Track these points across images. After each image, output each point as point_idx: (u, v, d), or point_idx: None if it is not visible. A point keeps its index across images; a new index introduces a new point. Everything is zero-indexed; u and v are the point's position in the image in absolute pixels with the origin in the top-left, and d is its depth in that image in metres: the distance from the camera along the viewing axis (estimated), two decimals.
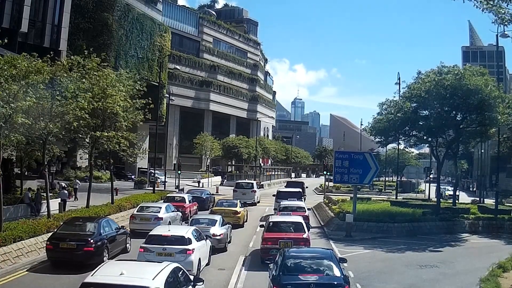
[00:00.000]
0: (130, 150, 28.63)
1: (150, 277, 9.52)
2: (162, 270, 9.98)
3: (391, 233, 26.13)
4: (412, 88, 29.06)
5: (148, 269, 10.16)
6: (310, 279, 11.60)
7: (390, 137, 31.47)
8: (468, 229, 28.48)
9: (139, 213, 25.06)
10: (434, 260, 19.78)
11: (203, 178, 69.94)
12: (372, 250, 21.73)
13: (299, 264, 12.43)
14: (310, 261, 12.64)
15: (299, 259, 12.79)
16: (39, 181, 41.57)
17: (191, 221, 22.30)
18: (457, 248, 23.57)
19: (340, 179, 29.14)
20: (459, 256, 21.13)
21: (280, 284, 11.62)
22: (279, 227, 19.40)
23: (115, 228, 19.30)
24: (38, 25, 40.71)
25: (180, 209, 28.73)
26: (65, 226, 18.50)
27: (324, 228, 28.06)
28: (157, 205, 26.81)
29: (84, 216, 22.08)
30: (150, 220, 24.02)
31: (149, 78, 66.51)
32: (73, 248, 16.69)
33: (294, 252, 13.45)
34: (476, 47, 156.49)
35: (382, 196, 55.56)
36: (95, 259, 16.31)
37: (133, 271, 9.87)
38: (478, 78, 27.43)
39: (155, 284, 9.29)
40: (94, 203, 30.02)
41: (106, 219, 20.11)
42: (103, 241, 17.56)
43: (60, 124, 22.04)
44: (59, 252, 16.74)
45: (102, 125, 26.49)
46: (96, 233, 17.53)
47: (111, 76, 26.17)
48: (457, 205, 33.66)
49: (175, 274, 10.36)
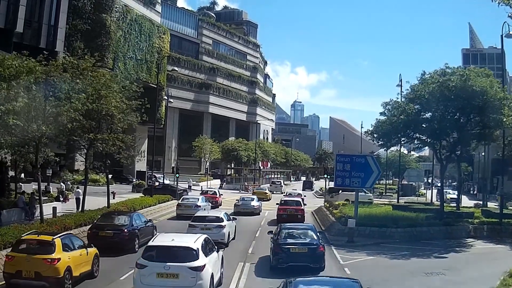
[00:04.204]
0: (125, 152, 27.91)
1: (191, 241, 13.78)
2: (198, 238, 14.18)
3: (394, 238, 25.39)
4: (415, 90, 28.35)
5: (189, 237, 14.70)
6: (297, 240, 18.20)
7: (393, 139, 30.73)
8: (473, 234, 27.72)
9: (183, 202, 34.31)
10: (440, 266, 19.06)
11: (202, 181, 69.25)
12: (375, 257, 21.01)
13: (291, 234, 18.79)
14: (298, 231, 19.20)
15: (291, 229, 19.37)
16: (36, 185, 40.84)
17: (241, 199, 39.48)
18: (463, 254, 22.85)
19: (342, 182, 28.35)
20: (466, 263, 20.43)
21: (278, 244, 17.96)
22: (286, 202, 33.77)
23: (144, 221, 22.82)
24: (34, 25, 39.98)
25: (212, 199, 40.20)
26: (102, 218, 22.02)
27: (325, 233, 27.30)
28: (195, 197, 36.99)
29: (118, 210, 27.10)
30: (192, 207, 32.48)
31: (148, 80, 65.92)
32: (110, 236, 19.92)
33: (287, 226, 19.82)
34: (476, 49, 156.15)
35: (383, 199, 54.90)
36: (128, 245, 20.12)
37: (179, 238, 14.35)
38: (483, 79, 26.77)
39: (195, 245, 13.46)
40: (90, 206, 29.42)
41: (137, 213, 24.29)
42: (135, 231, 20.86)
43: (54, 126, 21.41)
44: (98, 239, 19.25)
45: (98, 127, 25.83)
46: (129, 224, 20.78)
47: (106, 76, 25.49)
48: (460, 209, 32.94)
49: (205, 242, 14.35)
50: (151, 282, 12.54)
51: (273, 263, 17.91)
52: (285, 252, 17.62)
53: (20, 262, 13.67)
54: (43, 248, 14.07)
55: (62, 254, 14.13)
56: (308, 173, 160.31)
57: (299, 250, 17.70)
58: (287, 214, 31.30)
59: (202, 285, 12.71)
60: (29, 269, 13.54)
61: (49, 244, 14.17)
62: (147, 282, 12.59)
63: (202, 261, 13.00)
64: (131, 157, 28.91)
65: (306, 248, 17.77)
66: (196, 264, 12.77)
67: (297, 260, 17.25)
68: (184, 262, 12.76)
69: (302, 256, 17.47)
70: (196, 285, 12.59)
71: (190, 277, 12.59)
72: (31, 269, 13.54)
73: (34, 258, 13.72)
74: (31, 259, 13.68)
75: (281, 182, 78.06)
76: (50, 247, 14.07)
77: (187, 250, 13.22)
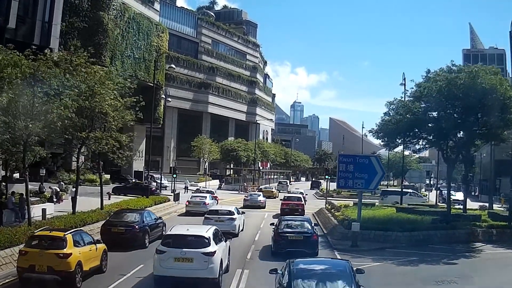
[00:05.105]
0: (120, 152, 26.77)
1: (204, 231, 15.67)
2: (209, 228, 16.08)
3: (400, 242, 24.25)
4: (422, 87, 27.18)
5: (202, 228, 16.78)
6: (295, 230, 20.91)
7: (398, 139, 29.59)
8: (481, 238, 26.59)
9: (192, 200, 37.49)
10: (451, 274, 17.94)
11: (201, 182, 68.16)
12: (382, 263, 19.86)
13: (289, 224, 21.44)
14: (295, 223, 21.84)
15: (289, 221, 22.10)
16: (30, 184, 39.57)
17: (249, 194, 46.86)
18: (473, 260, 21.71)
19: (345, 184, 27.06)
20: (477, 270, 19.32)
21: (278, 233, 20.67)
22: (289, 198, 40.09)
23: (154, 218, 23.95)
24: (27, 21, 38.87)
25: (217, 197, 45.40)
26: (115, 215, 23.15)
27: (328, 237, 26.23)
28: (203, 195, 39.87)
29: (130, 208, 27.66)
30: (200, 204, 36.22)
31: (146, 79, 64.81)
32: (122, 232, 21.03)
33: (286, 218, 22.91)
34: (477, 50, 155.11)
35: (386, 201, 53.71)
36: (139, 241, 21.23)
37: (193, 229, 16.36)
38: (492, 77, 25.73)
39: (207, 234, 15.25)
40: (83, 207, 28.39)
41: (147, 211, 25.41)
42: (145, 228, 21.97)
43: (43, 124, 20.31)
44: (110, 235, 20.70)
45: (91, 125, 24.73)
46: (139, 221, 21.79)
47: (99, 73, 24.37)
48: (467, 212, 31.80)
49: (216, 232, 16.16)
50: (169, 265, 14.28)
51: (274, 249, 20.74)
52: (284, 239, 20.39)
53: (33, 257, 14.20)
54: (55, 244, 14.63)
55: (73, 249, 14.74)
56: (308, 174, 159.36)
57: (296, 237, 20.46)
58: (289, 208, 36.22)
59: (213, 268, 14.47)
60: (42, 263, 14.10)
61: (61, 239, 14.74)
62: (166, 265, 14.33)
63: (213, 248, 14.75)
64: (126, 157, 27.62)
65: (302, 236, 20.57)
66: (208, 250, 14.56)
67: (294, 246, 19.62)
68: (198, 248, 14.56)
69: (299, 243, 20.08)
70: (208, 268, 14.36)
71: (203, 261, 14.38)
72: (43, 263, 14.10)
73: (46, 253, 14.27)
74: (43, 254, 14.24)
75: (287, 182, 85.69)
76: (62, 242, 14.64)
77: (201, 238, 15.01)
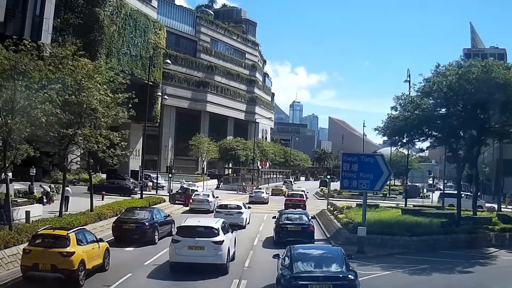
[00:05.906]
0: (111, 151, 25.21)
1: (213, 222, 17.93)
2: (218, 221, 18.26)
3: (409, 248, 22.64)
4: (432, 82, 25.58)
5: (211, 220, 19.26)
6: (294, 222, 23.84)
7: (406, 137, 27.96)
8: (494, 243, 25.03)
9: (196, 198, 39.15)
10: (468, 284, 16.47)
11: (199, 181, 66.50)
12: (392, 271, 18.27)
13: (289, 217, 24.27)
14: (294, 216, 24.72)
15: (289, 214, 25.32)
16: (22, 184, 38.28)
17: (253, 191, 53.15)
18: (489, 268, 20.13)
19: (349, 184, 25.37)
20: (495, 279, 17.78)
21: (279, 224, 23.61)
22: (292, 195, 46.77)
23: (163, 216, 24.96)
24: (17, 15, 37.33)
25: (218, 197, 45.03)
26: (126, 213, 24.22)
27: (331, 241, 24.60)
28: (206, 193, 41.52)
29: (140, 206, 29.13)
30: (204, 202, 38.40)
31: (143, 77, 63.25)
32: (133, 228, 22.14)
33: (287, 212, 26.62)
34: (477, 49, 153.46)
35: (388, 202, 52.40)
36: (149, 237, 22.29)
37: (204, 221, 18.72)
38: (506, 72, 24.22)
39: (216, 225, 17.44)
40: (74, 209, 27.04)
41: (157, 208, 26.93)
42: (155, 225, 22.93)
43: (26, 120, 18.81)
44: (122, 232, 22.09)
45: (79, 122, 23.21)
46: (149, 218, 22.78)
47: (88, 66, 22.81)
48: (477, 214, 30.21)
49: (224, 224, 18.31)
50: (183, 253, 16.49)
51: (275, 239, 23.51)
52: (284, 230, 23.28)
53: (37, 255, 14.32)
54: (59, 242, 14.72)
55: (76, 247, 14.86)
56: (307, 173, 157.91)
57: (295, 228, 23.34)
58: (292, 204, 40.57)
59: (222, 255, 16.61)
60: (45, 261, 14.25)
61: (64, 238, 14.86)
62: (180, 253, 16.53)
63: (221, 237, 16.91)
64: (117, 156, 26.04)
65: (300, 227, 23.47)
66: (217, 239, 16.70)
67: (293, 236, 22.07)
68: (208, 237, 16.71)
69: (297, 233, 22.84)
70: (217, 255, 16.50)
71: (213, 249, 16.51)
72: (47, 261, 14.24)
73: (50, 251, 14.40)
74: (47, 252, 14.36)
75: (292, 181, 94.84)
76: (65, 241, 14.75)
77: (211, 229, 17.22)
